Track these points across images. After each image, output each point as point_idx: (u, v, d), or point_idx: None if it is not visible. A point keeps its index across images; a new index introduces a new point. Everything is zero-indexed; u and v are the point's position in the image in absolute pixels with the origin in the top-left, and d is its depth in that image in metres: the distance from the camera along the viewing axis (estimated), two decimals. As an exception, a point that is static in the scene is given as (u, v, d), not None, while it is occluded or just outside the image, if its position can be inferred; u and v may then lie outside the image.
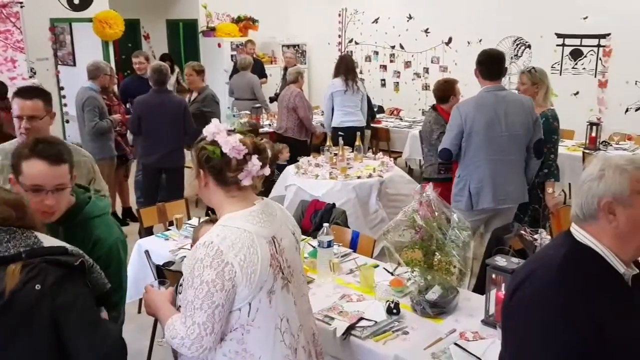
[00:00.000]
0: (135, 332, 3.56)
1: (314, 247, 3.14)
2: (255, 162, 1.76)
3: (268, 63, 9.90)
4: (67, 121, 7.71)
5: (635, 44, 6.96)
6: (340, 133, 5.71)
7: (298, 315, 1.83)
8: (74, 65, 9.79)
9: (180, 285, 1.78)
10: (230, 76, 8.44)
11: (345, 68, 6.05)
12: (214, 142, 1.74)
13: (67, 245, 1.68)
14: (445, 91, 4.60)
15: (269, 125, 7.15)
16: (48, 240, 1.66)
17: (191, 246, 2.39)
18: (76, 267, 1.62)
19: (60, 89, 7.59)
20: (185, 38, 10.35)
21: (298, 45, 10.40)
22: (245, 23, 9.92)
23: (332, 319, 2.42)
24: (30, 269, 1.54)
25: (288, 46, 10.14)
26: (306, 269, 2.90)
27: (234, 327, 1.70)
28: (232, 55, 9.45)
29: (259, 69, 8.40)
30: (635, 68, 7.02)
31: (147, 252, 3.28)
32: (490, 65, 3.65)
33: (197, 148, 1.78)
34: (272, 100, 8.23)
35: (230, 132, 1.78)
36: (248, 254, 1.67)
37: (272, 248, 1.74)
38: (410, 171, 7.50)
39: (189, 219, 3.89)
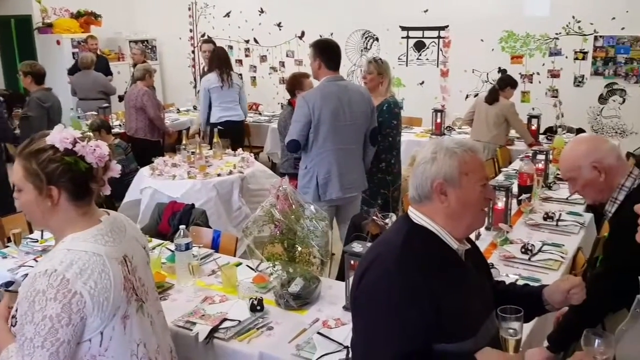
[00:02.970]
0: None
1: (172, 251, 3.00)
2: (115, 167, 1.61)
3: (115, 60, 9.35)
4: None
5: (469, 35, 7.56)
6: (220, 127, 5.62)
7: (155, 336, 1.70)
8: None
9: (14, 317, 1.55)
10: (69, 75, 7.89)
11: (218, 62, 5.88)
12: (71, 152, 1.52)
13: None
14: (292, 85, 4.69)
15: (120, 125, 6.76)
16: None
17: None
18: None
19: None
20: (18, 36, 9.43)
21: (147, 41, 9.94)
22: (86, 18, 9.26)
23: (194, 324, 2.32)
24: None
25: (136, 42, 9.65)
26: (165, 274, 2.77)
27: (84, 359, 1.52)
28: (73, 53, 8.79)
29: (103, 67, 7.94)
30: (471, 57, 7.63)
31: (-20, 274, 2.92)
32: (333, 55, 3.70)
33: (43, 160, 1.52)
34: (121, 99, 7.81)
35: (85, 138, 1.57)
36: (99, 280, 1.49)
37: (125, 269, 1.59)
38: (272, 165, 7.50)
39: (31, 232, 3.54)
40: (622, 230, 1.99)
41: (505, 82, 5.71)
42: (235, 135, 5.95)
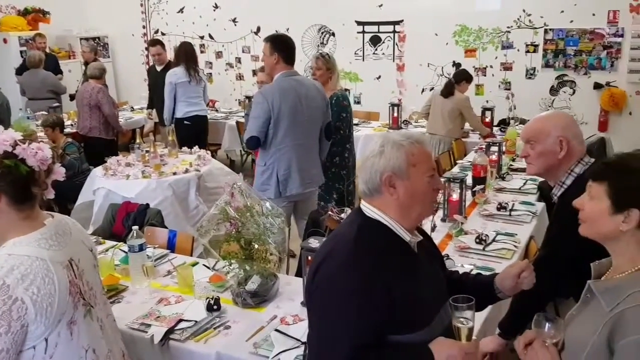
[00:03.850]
0: None
1: (126, 252, 2.93)
2: (59, 170, 1.56)
3: (65, 58, 9.09)
4: None
5: (424, 30, 7.63)
6: (186, 122, 5.61)
7: (106, 341, 1.66)
8: None
9: None
10: (17, 74, 7.63)
11: (185, 56, 5.82)
12: (10, 155, 1.48)
13: None
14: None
15: (71, 125, 6.56)
16: None
17: None
18: None
19: None
20: (-38, 34, 9.06)
21: (98, 38, 9.68)
22: (34, 15, 8.93)
23: (149, 325, 2.28)
24: None
25: (87, 39, 9.38)
26: (119, 276, 2.71)
27: None
28: (22, 52, 8.49)
29: (52, 65, 7.71)
30: (426, 51, 7.71)
31: None
32: (290, 50, 3.70)
33: None
34: (72, 98, 7.59)
35: (26, 140, 1.53)
36: (42, 285, 1.44)
37: (71, 273, 1.54)
38: (231, 163, 7.44)
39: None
40: (565, 216, 2.03)
41: (461, 77, 5.80)
42: (200, 130, 5.97)
